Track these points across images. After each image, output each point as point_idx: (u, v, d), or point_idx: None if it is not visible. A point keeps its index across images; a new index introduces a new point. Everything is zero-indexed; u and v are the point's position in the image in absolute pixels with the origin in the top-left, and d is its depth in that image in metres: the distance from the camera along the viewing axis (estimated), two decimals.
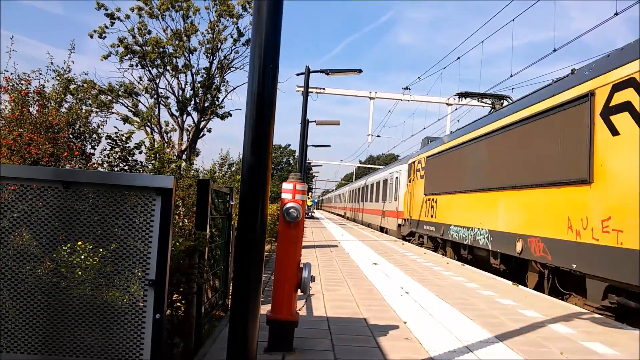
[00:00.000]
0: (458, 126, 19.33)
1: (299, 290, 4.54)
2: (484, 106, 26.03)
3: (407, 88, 26.64)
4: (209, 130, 25.96)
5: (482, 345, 4.96)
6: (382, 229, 27.72)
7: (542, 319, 6.26)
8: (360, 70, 15.41)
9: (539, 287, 9.01)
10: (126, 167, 5.44)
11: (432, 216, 16.21)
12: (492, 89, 17.75)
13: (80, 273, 2.76)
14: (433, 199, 16.23)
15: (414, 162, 19.77)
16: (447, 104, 27.62)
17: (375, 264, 11.47)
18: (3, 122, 4.95)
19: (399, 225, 22.33)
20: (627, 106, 6.52)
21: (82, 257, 2.77)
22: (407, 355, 4.52)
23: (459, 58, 20.98)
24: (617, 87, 6.75)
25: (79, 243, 2.79)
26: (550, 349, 4.92)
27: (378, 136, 32.75)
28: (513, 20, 15.70)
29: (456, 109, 27.20)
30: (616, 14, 11.49)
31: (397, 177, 23.92)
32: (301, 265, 4.55)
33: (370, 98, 27.18)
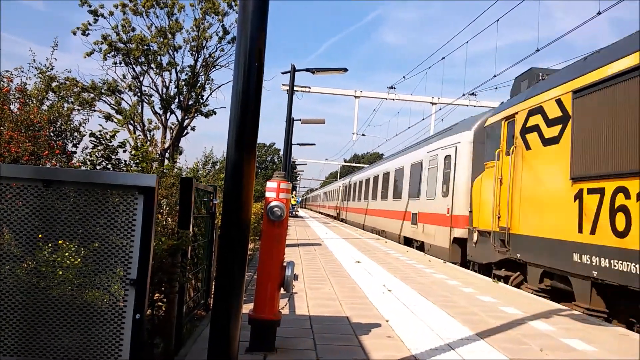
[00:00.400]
0: (443, 125, 17.29)
1: (281, 289, 4.55)
2: (467, 105, 26.34)
3: (392, 87, 26.77)
4: (193, 129, 25.83)
5: (464, 342, 5.02)
6: (408, 242, 18.07)
7: (522, 315, 6.35)
8: (345, 69, 15.47)
9: None
10: (109, 166, 5.39)
11: (617, 233, 6.39)
12: (476, 89, 17.76)
13: (60, 273, 2.74)
14: (623, 190, 6.37)
15: (509, 119, 10.04)
16: (431, 103, 27.82)
17: (358, 262, 11.52)
18: None
19: (457, 241, 13.19)
20: None
21: (66, 254, 2.74)
22: (389, 354, 4.55)
23: (443, 58, 21.08)
24: None
25: (60, 242, 2.76)
26: (530, 345, 5.00)
27: (363, 135, 32.83)
28: (497, 20, 15.79)
29: (440, 109, 27.36)
30: (599, 13, 11.65)
31: (448, 156, 14.43)
32: (284, 264, 4.55)
33: (356, 97, 27.25)
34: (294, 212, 45.18)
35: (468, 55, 36.03)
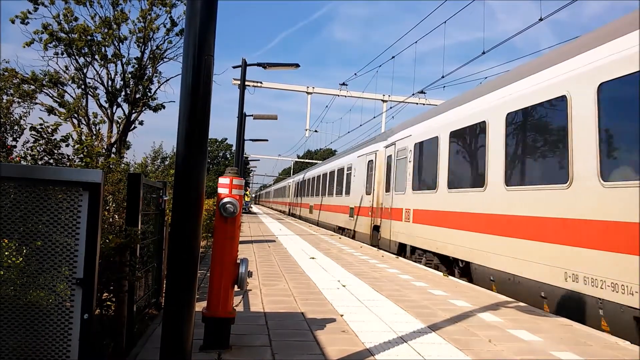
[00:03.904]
0: (394, 123, 18.39)
1: (235, 286, 4.49)
2: (417, 103, 26.84)
3: (343, 84, 26.94)
4: (141, 123, 25.05)
5: (416, 335, 5.11)
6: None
7: (471, 308, 6.53)
8: (297, 65, 15.41)
9: None
10: (51, 161, 5.16)
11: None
12: (426, 88, 18.18)
13: (2, 273, 2.60)
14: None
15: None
16: (382, 100, 28.18)
17: (313, 258, 11.53)
18: None
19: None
20: None
21: (6, 253, 2.60)
22: (343, 348, 4.58)
23: (393, 57, 21.39)
24: None
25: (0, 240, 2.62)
26: (479, 337, 5.14)
27: (316, 131, 32.87)
28: (445, 22, 16.19)
29: (391, 107, 27.78)
30: (541, 19, 12.11)
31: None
32: (238, 261, 4.49)
33: (308, 93, 27.24)
34: (247, 209, 44.80)
35: (417, 54, 36.76)
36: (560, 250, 6.70)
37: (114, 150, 21.71)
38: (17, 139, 5.43)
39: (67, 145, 5.39)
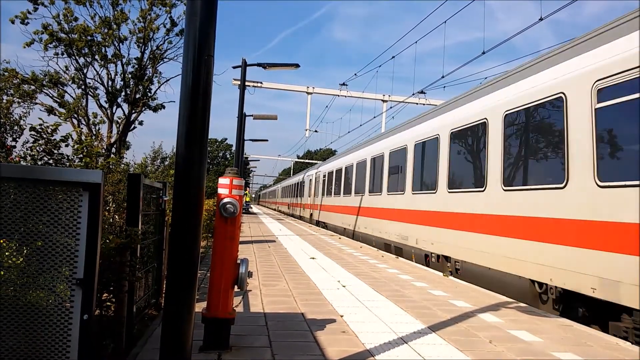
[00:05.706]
0: (394, 123, 18.31)
1: (235, 287, 4.48)
2: (417, 103, 26.85)
3: (343, 84, 26.95)
4: (141, 123, 25.02)
5: (416, 336, 5.10)
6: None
7: (472, 308, 6.52)
8: (297, 65, 15.41)
9: None
10: (51, 161, 5.16)
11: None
12: (426, 88, 18.13)
13: (2, 273, 2.60)
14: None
15: None
16: (382, 100, 28.18)
17: (313, 258, 11.53)
18: None
19: None
20: None
21: (6, 254, 2.60)
22: (344, 349, 4.57)
23: (393, 57, 21.40)
24: None
25: (0, 241, 2.62)
26: (480, 337, 5.13)
27: (316, 131, 32.88)
28: (445, 22, 16.20)
29: (391, 107, 27.79)
30: (541, 19, 12.11)
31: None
32: (238, 261, 4.48)
33: (308, 93, 27.25)
34: (248, 209, 44.82)
35: (417, 54, 36.80)
36: None
37: (113, 150, 21.70)
38: (17, 139, 5.44)
39: (66, 146, 5.39)
